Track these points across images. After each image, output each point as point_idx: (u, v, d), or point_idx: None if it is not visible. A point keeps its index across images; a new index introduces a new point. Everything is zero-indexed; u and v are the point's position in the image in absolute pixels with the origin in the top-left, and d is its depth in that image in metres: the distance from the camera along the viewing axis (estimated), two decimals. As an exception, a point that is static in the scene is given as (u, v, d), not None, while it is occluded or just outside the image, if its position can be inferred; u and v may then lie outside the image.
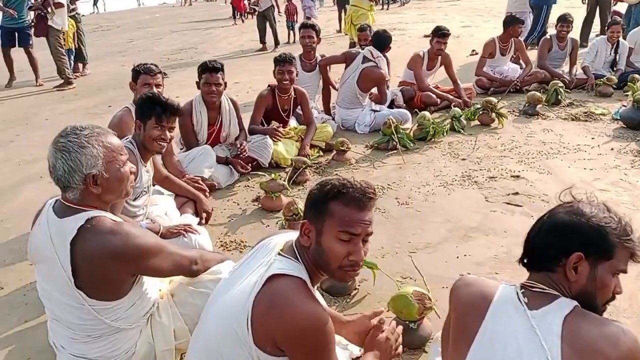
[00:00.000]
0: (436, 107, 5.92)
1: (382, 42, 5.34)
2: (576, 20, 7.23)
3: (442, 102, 5.96)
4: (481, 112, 5.43)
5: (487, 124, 5.40)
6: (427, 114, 5.08)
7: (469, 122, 5.44)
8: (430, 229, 3.32)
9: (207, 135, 4.24)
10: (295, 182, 4.07)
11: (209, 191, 3.99)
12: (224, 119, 4.25)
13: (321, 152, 4.82)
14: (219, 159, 4.16)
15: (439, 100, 5.92)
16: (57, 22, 8.13)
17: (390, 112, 5.33)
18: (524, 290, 1.37)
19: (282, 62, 4.46)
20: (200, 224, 3.19)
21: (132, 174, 1.97)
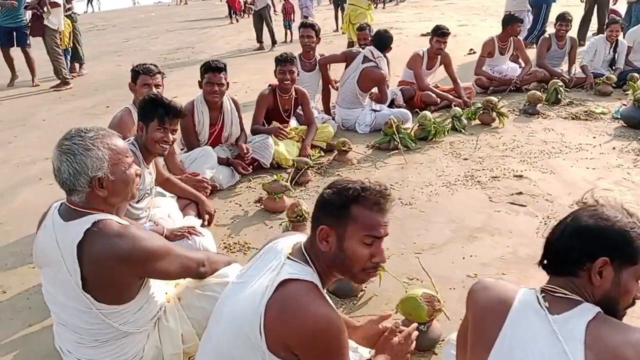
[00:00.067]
0: (436, 106, 5.90)
1: (383, 42, 5.32)
2: (574, 18, 7.22)
3: (442, 101, 5.95)
4: (482, 112, 5.42)
5: (487, 123, 5.39)
6: (428, 113, 5.07)
7: (469, 122, 5.42)
8: (434, 230, 3.31)
9: (209, 135, 4.21)
10: (297, 183, 4.05)
11: (211, 192, 3.99)
12: (225, 119, 4.23)
13: (322, 153, 4.79)
14: (220, 160, 4.14)
15: (439, 99, 5.91)
16: (53, 21, 8.06)
17: (391, 111, 5.31)
18: (544, 294, 1.35)
19: (283, 62, 4.43)
20: (203, 225, 3.17)
21: (137, 176, 1.95)
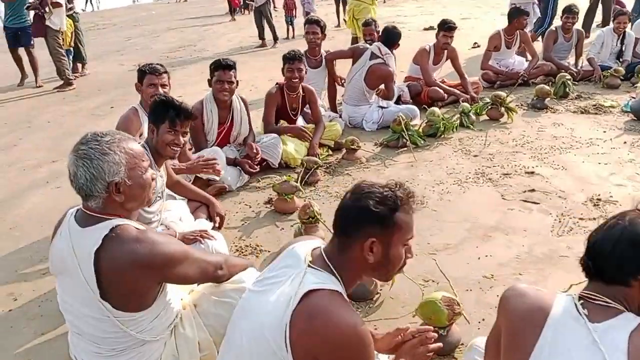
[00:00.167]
0: (443, 102, 5.85)
1: (392, 38, 5.26)
2: (579, 10, 7.15)
3: (449, 97, 5.89)
4: (490, 107, 5.36)
5: (496, 118, 5.33)
6: (436, 110, 5.02)
7: (477, 117, 5.37)
8: (448, 229, 3.27)
9: (217, 134, 4.17)
10: (306, 183, 4.01)
11: (220, 194, 3.96)
12: (235, 118, 4.19)
13: (330, 151, 4.75)
14: (227, 161, 4.09)
15: (446, 95, 5.86)
16: (55, 22, 8.01)
17: (398, 108, 5.27)
18: (582, 301, 1.31)
19: (291, 60, 4.38)
20: (214, 228, 3.14)
21: (153, 181, 1.92)
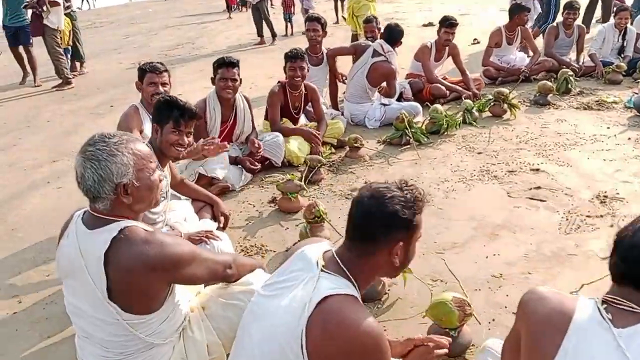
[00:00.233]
0: (445, 99, 5.83)
1: (394, 36, 5.21)
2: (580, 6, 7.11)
3: (451, 93, 5.87)
4: (493, 104, 5.33)
5: (499, 115, 5.31)
6: (439, 107, 4.99)
7: (480, 114, 5.34)
8: (455, 228, 3.24)
9: (219, 133, 4.14)
10: (310, 182, 3.98)
11: (223, 193, 3.93)
12: (238, 116, 4.16)
13: (333, 149, 4.72)
14: (230, 159, 4.07)
15: (448, 92, 5.83)
16: (52, 21, 7.95)
17: (401, 105, 5.23)
18: (606, 305, 1.27)
19: (293, 59, 4.34)
20: (219, 228, 3.11)
21: (161, 182, 1.90)
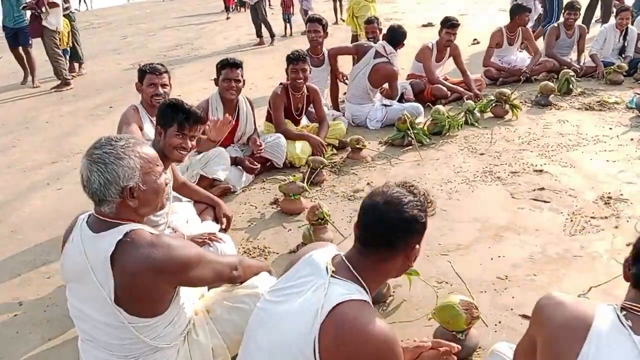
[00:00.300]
0: (447, 99, 5.81)
1: (397, 38, 5.17)
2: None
3: (452, 94, 5.85)
4: (494, 104, 5.31)
5: (500, 116, 5.29)
6: (441, 108, 4.97)
7: (482, 115, 5.32)
8: (459, 229, 3.22)
9: (221, 133, 4.11)
10: (312, 183, 3.95)
11: (225, 194, 3.90)
12: (241, 117, 4.13)
13: (335, 150, 4.69)
14: (230, 160, 4.03)
15: (450, 92, 5.81)
16: (51, 22, 7.91)
17: (402, 106, 5.21)
18: (625, 312, 1.25)
19: (295, 61, 4.31)
20: (221, 230, 3.09)
21: (166, 185, 1.88)
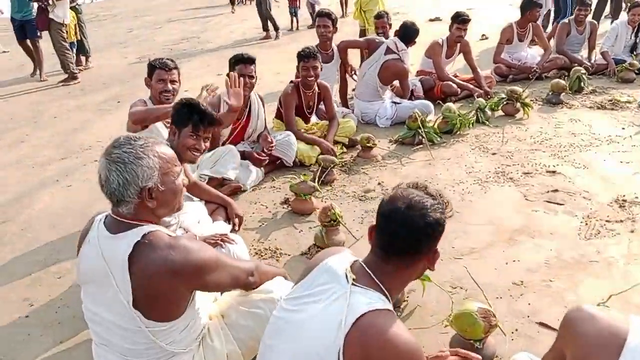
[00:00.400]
0: (457, 97, 5.76)
1: (410, 35, 5.11)
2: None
3: (462, 91, 5.79)
4: (505, 102, 5.25)
5: (511, 114, 5.23)
6: (452, 106, 4.90)
7: (493, 113, 5.26)
8: (473, 232, 3.18)
9: (231, 130, 4.08)
10: (323, 182, 3.91)
11: (235, 193, 3.88)
12: (252, 114, 4.10)
13: (344, 149, 4.64)
14: (240, 155, 4.00)
15: (460, 89, 5.76)
16: (58, 14, 7.89)
17: (413, 104, 5.15)
18: None
19: (306, 58, 4.25)
20: (233, 230, 3.07)
21: (184, 186, 1.86)
